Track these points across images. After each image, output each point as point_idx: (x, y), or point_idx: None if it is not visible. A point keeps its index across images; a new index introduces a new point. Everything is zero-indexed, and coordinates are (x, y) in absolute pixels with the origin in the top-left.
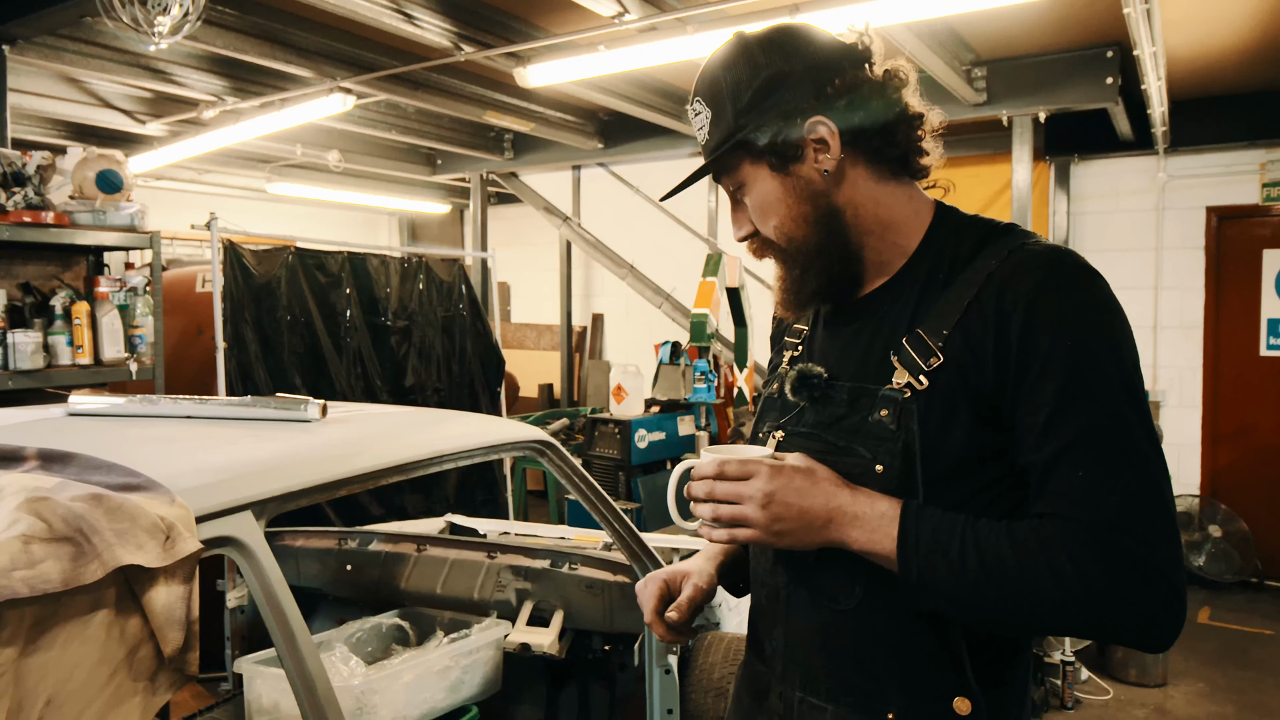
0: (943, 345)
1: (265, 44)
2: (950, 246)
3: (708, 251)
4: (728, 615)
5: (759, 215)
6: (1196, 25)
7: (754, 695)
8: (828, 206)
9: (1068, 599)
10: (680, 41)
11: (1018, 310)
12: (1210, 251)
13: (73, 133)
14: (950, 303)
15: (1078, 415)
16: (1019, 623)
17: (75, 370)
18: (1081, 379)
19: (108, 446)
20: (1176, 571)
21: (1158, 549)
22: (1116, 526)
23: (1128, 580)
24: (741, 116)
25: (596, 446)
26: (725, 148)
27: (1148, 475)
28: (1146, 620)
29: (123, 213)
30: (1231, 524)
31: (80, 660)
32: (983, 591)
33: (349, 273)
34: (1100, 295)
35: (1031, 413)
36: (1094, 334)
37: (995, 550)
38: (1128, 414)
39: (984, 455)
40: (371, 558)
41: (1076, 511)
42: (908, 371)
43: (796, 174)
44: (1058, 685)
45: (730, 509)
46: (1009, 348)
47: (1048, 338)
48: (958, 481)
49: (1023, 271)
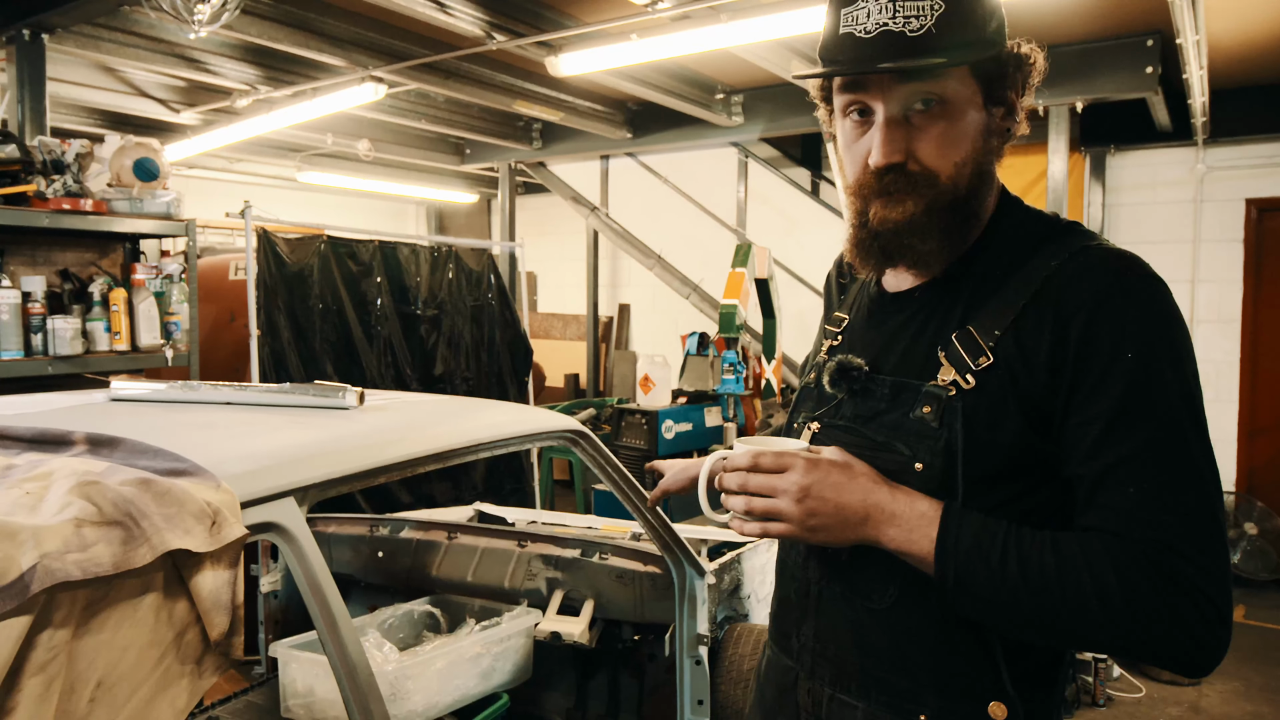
0: (994, 346)
1: (299, 33)
2: (1010, 242)
3: (737, 242)
4: (755, 607)
5: (944, 142)
6: (1239, 11)
7: (779, 689)
8: (990, 165)
9: (1111, 616)
10: (713, 30)
11: (1079, 315)
12: (1249, 244)
13: (109, 121)
14: (1005, 302)
15: (1136, 430)
16: (1057, 635)
17: (113, 356)
18: (1143, 392)
19: (153, 431)
20: (1225, 597)
21: (1209, 573)
22: (1169, 547)
23: (1175, 602)
24: (995, 34)
25: (623, 437)
26: (974, 54)
27: (1203, 496)
28: (1191, 644)
29: (159, 200)
30: (1268, 521)
31: (130, 643)
32: (1022, 601)
33: (380, 261)
34: (1165, 306)
35: (1085, 423)
36: (1158, 345)
37: (1039, 561)
38: (1187, 431)
39: (1027, 461)
40: (403, 545)
41: (1128, 528)
42: (954, 369)
43: (993, 117)
44: (1089, 682)
45: (764, 502)
46: (1065, 354)
47: (1109, 346)
48: (998, 485)
49: (1085, 276)
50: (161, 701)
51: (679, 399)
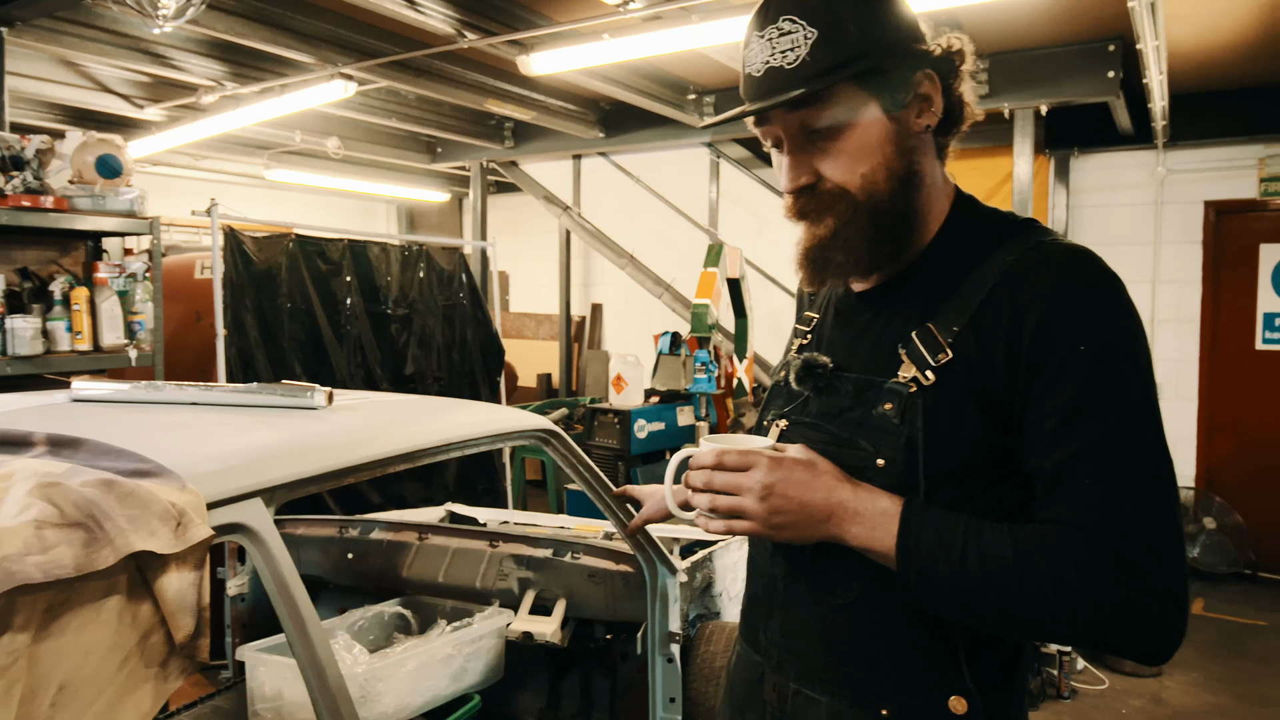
0: (953, 342)
1: (266, 29)
2: (968, 238)
3: (709, 242)
4: (728, 605)
5: (847, 158)
6: (1199, 19)
7: (747, 685)
8: (914, 166)
9: (1069, 608)
10: (685, 31)
11: (1033, 310)
12: (1208, 246)
13: (70, 117)
14: (964, 298)
15: (1092, 422)
16: (1018, 628)
17: (74, 356)
18: (1098, 385)
19: (116, 432)
20: (1181, 586)
21: (1165, 562)
22: (1125, 538)
23: (1132, 593)
24: (873, 42)
25: (596, 436)
26: (846, 72)
27: (1160, 488)
28: (1148, 634)
29: (122, 198)
30: (1226, 516)
31: (93, 646)
32: (983, 595)
33: (350, 260)
34: (1119, 299)
35: (1043, 417)
36: (1113, 338)
37: (998, 554)
38: (1143, 423)
39: (989, 455)
40: (373, 546)
41: (1085, 520)
42: (915, 366)
43: (902, 121)
44: (1054, 675)
45: (729, 500)
46: (1021, 348)
47: (1064, 340)
48: (960, 480)
49: (1040, 270)
50: (125, 705)
51: (651, 398)
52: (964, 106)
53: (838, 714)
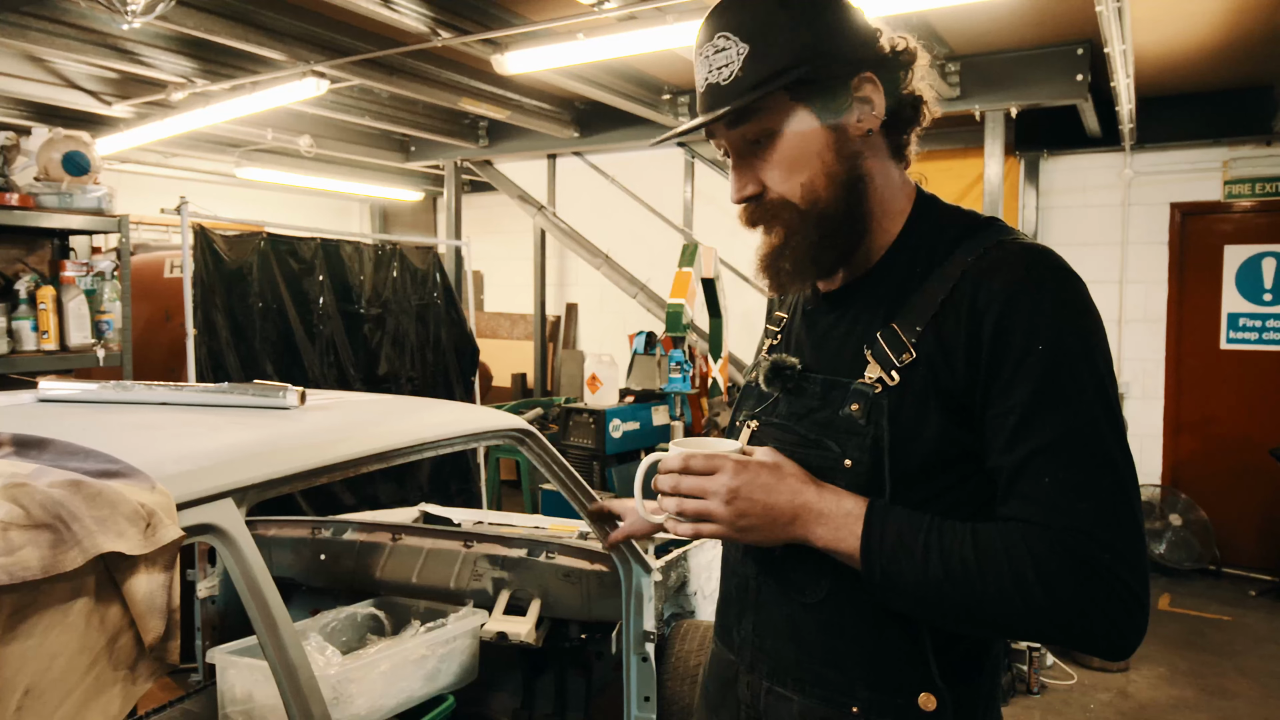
0: (916, 341)
1: (237, 25)
2: (929, 238)
3: (684, 242)
4: (702, 604)
5: (785, 169)
6: (1165, 23)
7: (721, 683)
8: (858, 171)
9: (1030, 604)
10: (660, 30)
11: (991, 309)
12: (1174, 247)
13: (36, 113)
14: (925, 298)
15: (1050, 420)
16: (982, 625)
17: (40, 356)
18: (1055, 383)
19: (83, 432)
20: (1141, 582)
21: (1125, 558)
22: (1084, 533)
23: (1092, 588)
24: (802, 52)
25: (571, 436)
26: (772, 85)
27: (1118, 484)
28: (1109, 628)
29: (90, 195)
30: (1191, 513)
31: (60, 649)
32: (946, 594)
33: (322, 259)
34: (1077, 297)
35: (1002, 415)
36: (1069, 337)
37: (960, 553)
38: (1100, 420)
39: (953, 454)
40: (346, 547)
41: (1044, 517)
42: (880, 366)
43: (840, 128)
44: (1024, 671)
45: (695, 504)
46: (980, 347)
47: (1021, 339)
48: (926, 479)
49: (998, 269)
50: (93, 709)
51: (626, 398)
52: (920, 105)
53: (809, 711)
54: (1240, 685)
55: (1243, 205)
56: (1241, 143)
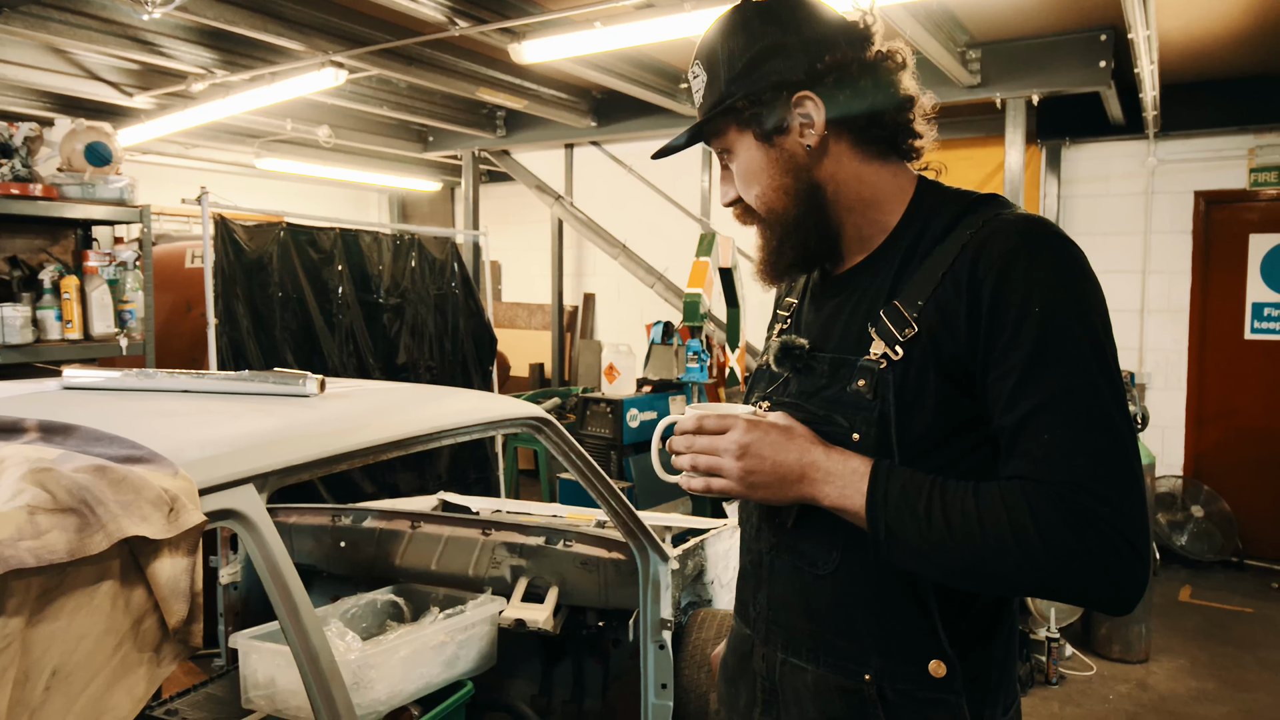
0: (917, 316)
1: (256, 16)
2: (930, 219)
3: (701, 231)
4: (719, 592)
5: (743, 183)
6: (1190, 8)
7: (739, 657)
8: (809, 181)
9: (1029, 558)
10: (677, 19)
11: (989, 277)
12: (1198, 236)
13: (59, 104)
14: (926, 274)
15: (1046, 379)
16: (984, 580)
17: (64, 345)
18: (1050, 344)
19: (108, 418)
20: (1140, 534)
21: (1122, 511)
22: (1081, 487)
23: (1089, 541)
24: (733, 84)
25: (588, 426)
26: (715, 113)
27: (1115, 439)
28: (1108, 582)
29: (112, 186)
30: (1214, 504)
31: (86, 631)
32: (949, 548)
33: (341, 249)
34: (1071, 261)
35: (1001, 378)
36: (1063, 299)
37: (961, 508)
38: (1096, 378)
39: (959, 424)
40: (366, 534)
41: (1042, 472)
42: (884, 342)
43: (780, 146)
44: (1042, 661)
45: (707, 459)
46: (980, 314)
47: (1017, 303)
48: (933, 450)
49: (994, 239)
50: (119, 690)
51: (644, 388)
52: (907, 105)
53: (823, 680)
54: (1261, 678)
55: (1269, 194)
56: (1267, 130)
